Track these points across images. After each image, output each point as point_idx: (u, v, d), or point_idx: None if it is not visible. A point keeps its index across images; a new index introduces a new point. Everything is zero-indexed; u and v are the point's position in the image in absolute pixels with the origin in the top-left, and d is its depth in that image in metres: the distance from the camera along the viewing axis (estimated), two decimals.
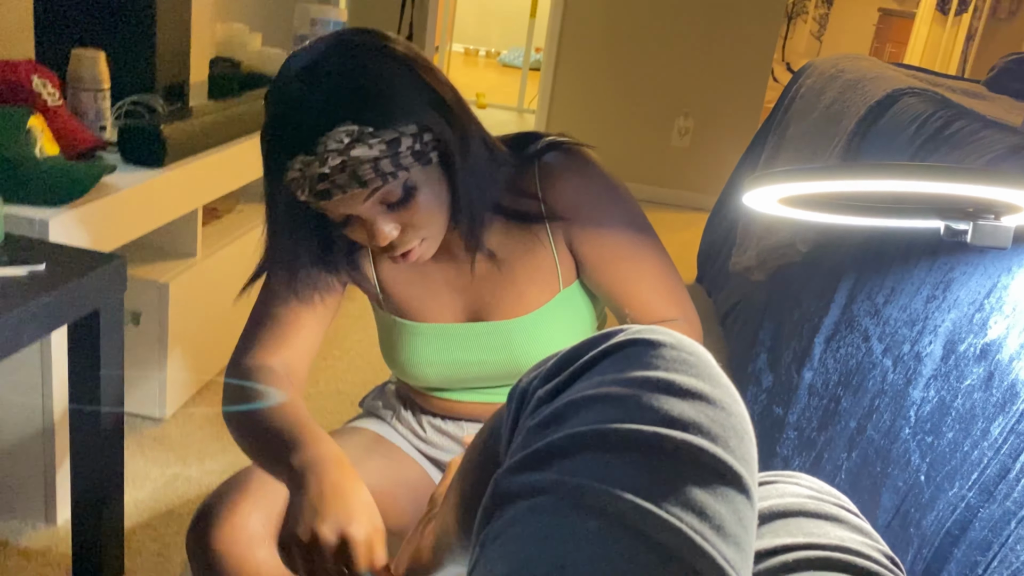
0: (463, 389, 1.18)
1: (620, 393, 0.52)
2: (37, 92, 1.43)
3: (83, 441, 1.20)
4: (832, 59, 2.46)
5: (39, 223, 1.24)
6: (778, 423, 1.55)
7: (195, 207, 1.69)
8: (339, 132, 0.88)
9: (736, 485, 0.49)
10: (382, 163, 0.90)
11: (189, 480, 1.55)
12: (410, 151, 0.92)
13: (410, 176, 0.93)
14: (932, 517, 1.01)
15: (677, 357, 0.55)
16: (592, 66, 3.83)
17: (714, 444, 0.49)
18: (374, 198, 0.93)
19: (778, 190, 0.91)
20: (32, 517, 1.39)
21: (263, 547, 1.03)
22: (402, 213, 0.96)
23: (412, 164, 0.92)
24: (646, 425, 0.49)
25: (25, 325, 1.01)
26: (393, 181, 0.92)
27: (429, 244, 1.00)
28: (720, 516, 0.47)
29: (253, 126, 1.89)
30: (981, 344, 1.04)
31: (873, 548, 0.63)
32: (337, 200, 0.92)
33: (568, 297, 1.12)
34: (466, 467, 0.69)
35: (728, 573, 0.44)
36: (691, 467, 0.48)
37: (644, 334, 0.57)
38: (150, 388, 1.70)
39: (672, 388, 0.52)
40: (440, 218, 0.99)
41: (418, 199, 0.95)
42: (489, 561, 0.47)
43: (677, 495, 0.46)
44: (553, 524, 0.46)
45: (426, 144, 0.93)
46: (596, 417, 0.51)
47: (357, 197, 0.92)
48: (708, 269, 2.69)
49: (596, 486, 0.47)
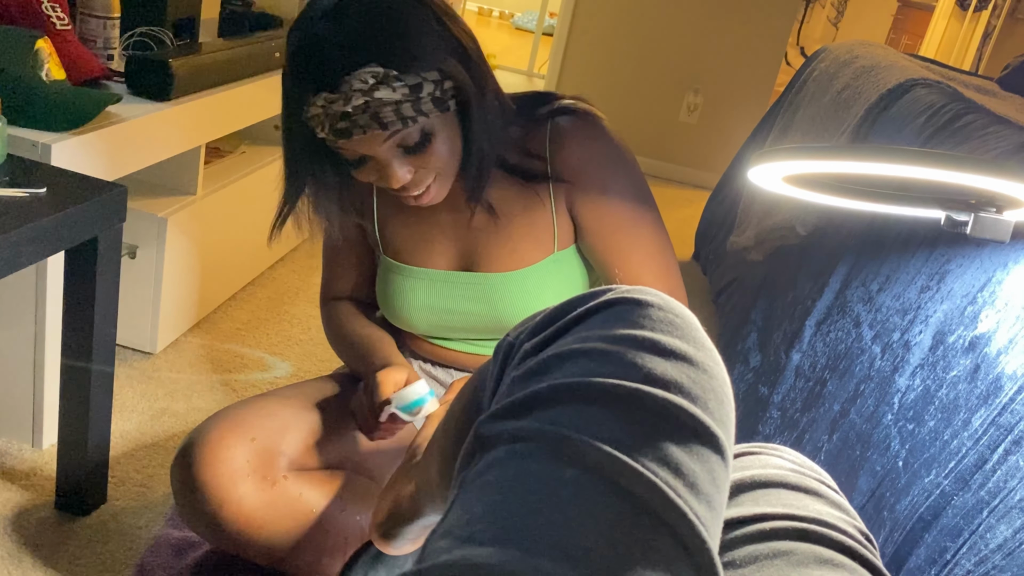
0: (450, 338, 1.19)
1: (605, 349, 0.53)
2: (46, 14, 1.42)
3: (74, 368, 1.21)
4: (847, 45, 2.45)
5: (42, 147, 1.23)
6: (762, 402, 1.57)
7: (199, 144, 1.69)
8: (365, 73, 0.90)
9: (712, 445, 0.50)
10: (403, 107, 0.92)
11: (176, 415, 1.56)
12: (431, 97, 0.93)
13: (428, 122, 0.95)
14: (906, 502, 1.03)
15: (663, 318, 0.55)
16: (605, 34, 3.79)
17: (693, 404, 0.50)
18: (392, 141, 0.94)
19: (784, 167, 0.91)
20: (19, 439, 1.40)
21: (246, 482, 1.04)
22: (417, 157, 0.97)
23: (431, 110, 0.94)
24: (629, 381, 0.50)
25: (23, 247, 1.01)
26: (412, 125, 0.93)
27: (440, 188, 1.02)
28: (694, 474, 0.48)
29: (262, 67, 1.87)
30: (971, 337, 1.05)
31: (849, 524, 0.65)
32: (356, 140, 0.94)
33: (561, 260, 1.13)
34: (449, 418, 0.70)
35: (698, 529, 0.45)
36: (670, 425, 0.49)
37: (632, 293, 0.58)
38: (143, 322, 1.70)
39: (656, 347, 0.53)
40: (452, 164, 1.01)
41: (434, 145, 0.97)
42: (466, 502, 0.47)
43: (654, 450, 0.47)
44: (531, 470, 0.47)
45: (446, 91, 0.95)
46: (580, 370, 0.52)
47: (376, 138, 0.93)
48: (705, 247, 2.69)
49: (575, 436, 0.47)
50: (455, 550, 0.43)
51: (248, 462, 1.04)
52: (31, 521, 1.25)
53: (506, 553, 0.42)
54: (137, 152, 1.46)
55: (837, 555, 0.60)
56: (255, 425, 1.08)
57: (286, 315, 2.00)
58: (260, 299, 2.05)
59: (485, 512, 0.45)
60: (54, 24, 1.42)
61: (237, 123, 1.81)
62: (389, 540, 0.87)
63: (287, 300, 2.07)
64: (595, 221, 1.10)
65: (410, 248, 1.15)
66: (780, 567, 0.58)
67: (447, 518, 0.47)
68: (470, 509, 0.46)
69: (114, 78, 1.53)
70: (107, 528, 1.26)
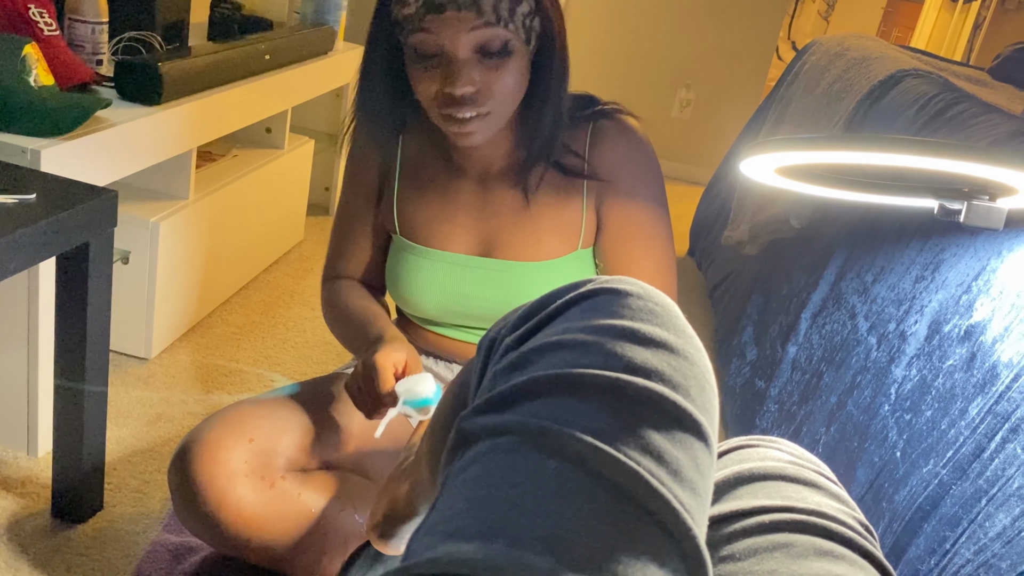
0: (456, 326, 1.19)
1: (585, 340, 0.53)
2: (33, 20, 1.41)
3: (68, 375, 1.20)
4: (838, 37, 2.45)
5: (31, 153, 1.22)
6: (759, 396, 1.57)
7: (190, 148, 1.68)
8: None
9: (695, 432, 0.50)
10: (502, 5, 0.95)
11: (171, 420, 1.55)
12: (523, 18, 0.97)
13: (513, 38, 0.97)
14: (905, 492, 1.03)
15: (643, 307, 0.55)
16: (596, 31, 3.79)
17: (675, 392, 0.50)
18: (477, 34, 0.96)
19: (776, 159, 0.91)
20: (13, 447, 1.39)
21: (244, 482, 1.04)
22: (487, 71, 0.98)
23: (520, 28, 0.97)
24: (609, 371, 0.50)
25: (13, 253, 1.00)
26: (502, 29, 0.96)
27: (487, 125, 1.03)
28: (677, 461, 0.48)
29: (252, 69, 1.87)
30: (966, 325, 1.05)
31: (849, 515, 0.64)
32: (447, 18, 0.95)
33: (583, 257, 1.14)
34: (437, 416, 0.70)
35: (682, 516, 0.45)
36: (651, 413, 0.49)
37: (611, 283, 0.58)
38: (136, 327, 1.70)
39: (637, 336, 0.53)
40: (509, 105, 1.03)
41: (508, 64, 0.99)
42: (449, 498, 0.47)
43: (636, 439, 0.47)
44: (513, 463, 0.47)
45: (533, 27, 0.99)
46: (560, 362, 0.52)
47: (465, 23, 0.95)
48: (699, 242, 2.69)
49: (557, 428, 0.47)
50: (440, 546, 0.43)
51: (246, 463, 1.04)
52: (27, 529, 1.25)
53: (491, 547, 0.41)
54: (128, 157, 1.45)
55: (837, 547, 0.60)
56: (253, 426, 1.07)
57: (281, 318, 1.99)
58: (254, 303, 2.05)
59: (469, 507, 0.45)
60: (42, 30, 1.41)
61: (228, 127, 1.80)
62: (386, 540, 0.86)
63: (282, 303, 2.07)
64: (617, 226, 1.12)
65: (428, 229, 1.15)
66: (780, 559, 0.58)
67: (431, 514, 0.47)
68: (453, 504, 0.46)
69: (103, 83, 1.52)
70: (104, 535, 1.26)
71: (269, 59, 1.93)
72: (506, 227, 1.12)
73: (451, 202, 1.14)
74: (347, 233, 1.23)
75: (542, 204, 1.11)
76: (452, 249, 1.14)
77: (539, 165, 1.09)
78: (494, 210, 1.12)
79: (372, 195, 1.20)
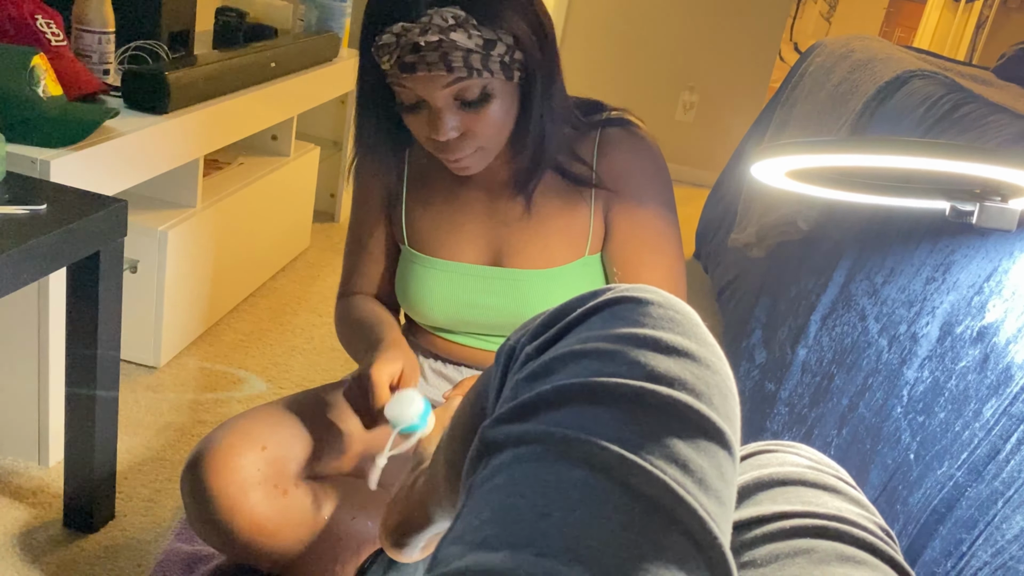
0: (466, 333, 1.19)
1: (607, 348, 0.53)
2: (41, 31, 1.41)
3: (78, 384, 1.20)
4: (843, 39, 2.45)
5: (41, 164, 1.23)
6: (769, 399, 1.56)
7: (197, 156, 1.68)
8: (447, 12, 0.92)
9: (719, 441, 0.50)
10: (473, 57, 0.93)
11: (182, 429, 1.55)
12: (500, 59, 0.95)
13: (492, 82, 0.96)
14: (919, 495, 1.03)
15: (664, 315, 0.55)
16: (600, 34, 3.79)
17: (698, 400, 0.50)
18: (452, 88, 0.95)
19: (786, 162, 0.91)
20: (25, 458, 1.39)
21: (257, 490, 1.04)
22: (470, 116, 0.98)
23: (497, 72, 0.96)
24: (632, 380, 0.50)
25: (24, 264, 1.00)
26: (476, 79, 0.95)
27: (482, 157, 1.03)
28: (702, 470, 0.48)
29: (258, 77, 1.87)
30: (978, 327, 1.05)
31: (868, 519, 0.64)
32: (419, 77, 0.95)
33: (589, 264, 1.14)
34: (454, 425, 0.69)
35: (709, 525, 0.45)
36: (675, 422, 0.49)
37: (632, 292, 0.58)
38: (146, 337, 1.70)
39: (659, 345, 0.53)
40: (500, 137, 1.03)
41: (489, 108, 0.98)
42: (474, 508, 0.47)
43: (661, 448, 0.47)
44: (539, 473, 0.47)
45: (515, 61, 0.97)
46: (583, 371, 0.52)
47: (437, 81, 0.95)
48: (706, 245, 2.69)
49: (582, 437, 0.47)
50: (467, 556, 0.43)
51: (259, 471, 1.04)
52: (40, 539, 1.25)
53: (518, 557, 0.41)
54: (136, 166, 1.46)
55: (859, 552, 0.59)
56: (265, 434, 1.07)
57: (289, 325, 2.00)
58: (262, 310, 2.05)
59: (495, 516, 0.45)
60: (49, 41, 1.42)
61: (234, 135, 1.81)
62: (400, 548, 0.86)
63: (289, 310, 2.07)
64: (625, 232, 1.12)
65: (437, 239, 1.15)
66: (802, 565, 0.58)
67: (457, 524, 0.47)
68: (479, 514, 0.46)
69: (110, 92, 1.52)
70: (116, 544, 1.26)
71: (274, 67, 1.94)
72: (514, 235, 1.12)
73: (458, 212, 1.14)
74: (359, 251, 1.23)
75: (549, 211, 1.11)
76: (460, 259, 1.14)
77: (542, 172, 1.08)
78: (501, 219, 1.12)
79: (382, 211, 1.20)
